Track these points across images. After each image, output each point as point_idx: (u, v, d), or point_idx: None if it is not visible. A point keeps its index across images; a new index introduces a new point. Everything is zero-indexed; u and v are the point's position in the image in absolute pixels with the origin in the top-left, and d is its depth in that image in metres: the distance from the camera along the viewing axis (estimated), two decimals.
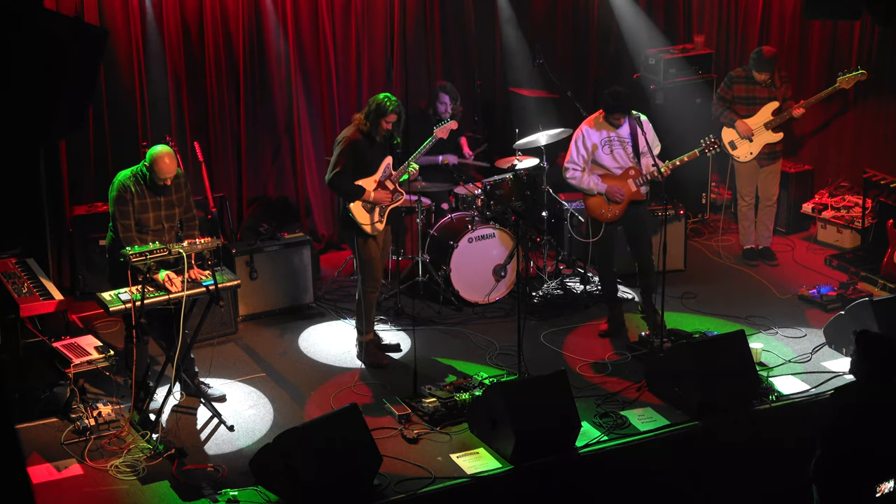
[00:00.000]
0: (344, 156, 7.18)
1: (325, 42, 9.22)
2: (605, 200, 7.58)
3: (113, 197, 6.65)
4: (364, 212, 7.27)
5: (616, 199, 7.53)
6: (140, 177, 6.67)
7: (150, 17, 8.51)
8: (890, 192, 8.90)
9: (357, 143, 7.21)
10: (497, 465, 6.19)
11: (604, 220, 7.62)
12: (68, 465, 6.22)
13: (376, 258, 7.36)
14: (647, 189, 7.62)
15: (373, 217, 7.29)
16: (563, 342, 7.79)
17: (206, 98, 8.90)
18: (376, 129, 7.18)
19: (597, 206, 7.62)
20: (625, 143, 7.53)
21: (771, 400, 6.87)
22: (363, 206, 7.26)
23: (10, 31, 3.59)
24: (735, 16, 10.40)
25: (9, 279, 7.05)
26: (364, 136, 7.22)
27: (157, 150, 6.66)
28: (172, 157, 6.68)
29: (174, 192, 6.76)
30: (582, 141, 7.55)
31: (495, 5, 9.90)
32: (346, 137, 7.23)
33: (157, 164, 6.59)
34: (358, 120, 7.26)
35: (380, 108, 7.14)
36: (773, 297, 8.48)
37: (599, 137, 7.53)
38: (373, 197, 7.26)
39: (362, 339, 7.46)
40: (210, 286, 6.44)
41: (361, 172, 7.26)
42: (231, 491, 5.91)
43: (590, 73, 10.43)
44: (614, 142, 7.53)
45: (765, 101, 8.81)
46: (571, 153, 7.60)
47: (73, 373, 6.65)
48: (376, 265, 7.37)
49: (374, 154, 7.30)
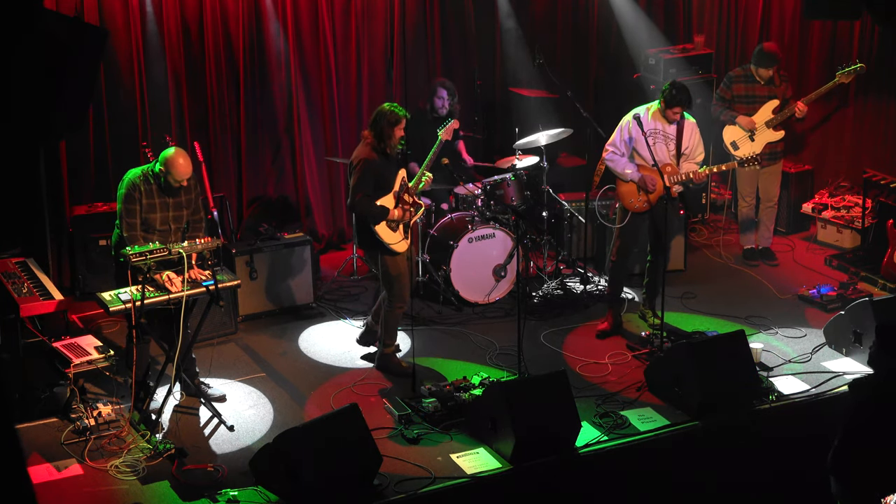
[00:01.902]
0: (364, 179, 7.02)
1: (325, 42, 9.22)
2: (636, 189, 7.58)
3: (121, 195, 6.62)
4: (389, 231, 7.14)
5: (649, 188, 7.52)
6: (151, 176, 6.63)
7: (150, 17, 8.52)
8: (890, 192, 8.90)
9: (373, 162, 7.05)
10: (497, 465, 6.19)
11: (632, 208, 7.62)
12: (68, 465, 6.21)
13: (404, 274, 7.26)
14: (679, 189, 7.61)
15: (398, 235, 7.19)
16: (563, 342, 7.79)
17: (206, 98, 8.90)
18: (391, 139, 7.04)
19: (628, 194, 7.62)
20: (669, 140, 7.53)
21: (771, 400, 6.86)
22: (388, 224, 7.15)
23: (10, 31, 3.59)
24: (735, 16, 10.40)
25: (9, 279, 7.05)
26: (378, 154, 7.08)
27: (172, 152, 6.58)
28: (187, 157, 6.63)
29: (184, 193, 6.73)
30: (628, 128, 7.55)
31: (495, 5, 9.90)
32: (362, 159, 7.05)
33: (173, 167, 6.53)
34: (368, 137, 7.11)
35: (392, 117, 7.00)
36: (773, 297, 8.48)
37: (648, 128, 7.51)
38: (396, 215, 7.16)
39: (385, 351, 7.40)
40: (210, 286, 6.44)
41: (380, 191, 7.13)
42: (231, 491, 5.91)
43: (590, 73, 10.43)
44: (659, 135, 7.53)
45: (765, 99, 8.81)
46: (615, 137, 7.61)
47: (73, 373, 6.65)
48: (404, 281, 7.26)
49: (389, 170, 7.18)
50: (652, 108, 7.56)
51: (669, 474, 6.50)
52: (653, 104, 7.60)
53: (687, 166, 7.56)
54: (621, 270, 7.86)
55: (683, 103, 7.42)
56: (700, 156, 7.64)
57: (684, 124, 7.53)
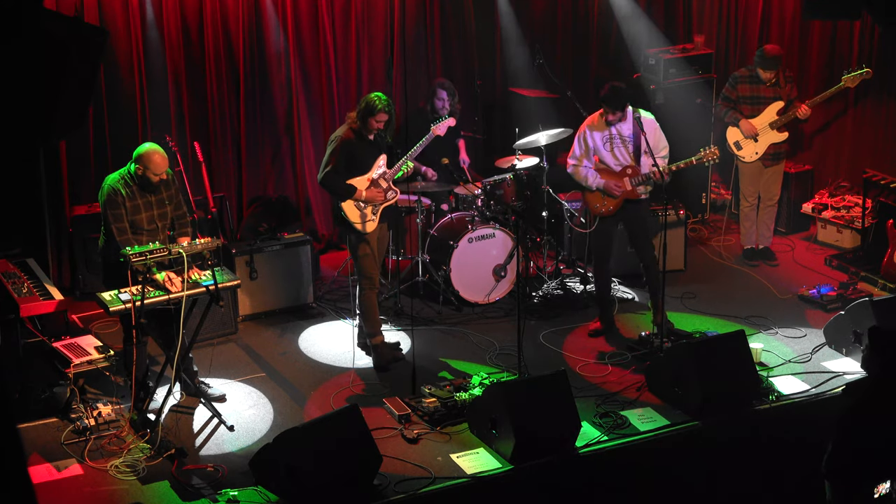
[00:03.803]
0: (335, 155, 7.20)
1: (325, 42, 9.22)
2: (601, 195, 7.63)
3: (104, 202, 6.60)
4: (356, 210, 7.28)
5: (613, 194, 7.56)
6: (129, 178, 6.62)
7: (150, 17, 8.52)
8: (890, 192, 8.90)
9: (349, 141, 7.22)
10: (497, 465, 6.19)
11: (598, 213, 7.70)
12: (68, 465, 6.22)
13: (369, 255, 7.36)
14: (645, 189, 7.64)
15: (365, 215, 7.30)
16: (563, 342, 7.79)
17: (206, 98, 8.90)
18: (366, 127, 7.20)
19: (593, 200, 7.71)
20: (626, 142, 7.57)
21: (771, 400, 6.86)
22: (355, 204, 7.28)
23: (10, 31, 3.59)
24: (735, 16, 10.39)
25: (9, 279, 7.05)
26: (356, 135, 7.24)
27: (146, 148, 6.61)
28: (163, 153, 6.64)
29: (164, 189, 6.73)
30: (583, 137, 7.64)
31: (495, 5, 9.90)
32: (339, 136, 7.26)
33: (150, 162, 6.55)
34: (351, 118, 7.28)
35: (369, 107, 7.14)
36: (773, 297, 8.48)
37: (601, 135, 7.58)
38: (365, 195, 7.26)
39: (372, 342, 7.45)
40: (210, 286, 6.43)
41: (354, 171, 7.27)
42: (231, 491, 5.91)
43: (590, 73, 10.42)
44: (616, 140, 7.58)
45: (770, 100, 8.80)
46: (574, 148, 7.71)
47: (73, 373, 6.65)
48: (369, 262, 7.37)
49: (367, 152, 7.31)
50: (598, 116, 7.60)
51: (669, 474, 6.50)
52: (597, 113, 7.64)
53: (646, 161, 7.55)
54: (601, 273, 7.90)
55: (616, 105, 7.44)
56: (664, 149, 7.64)
57: (643, 123, 7.52)
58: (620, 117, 7.51)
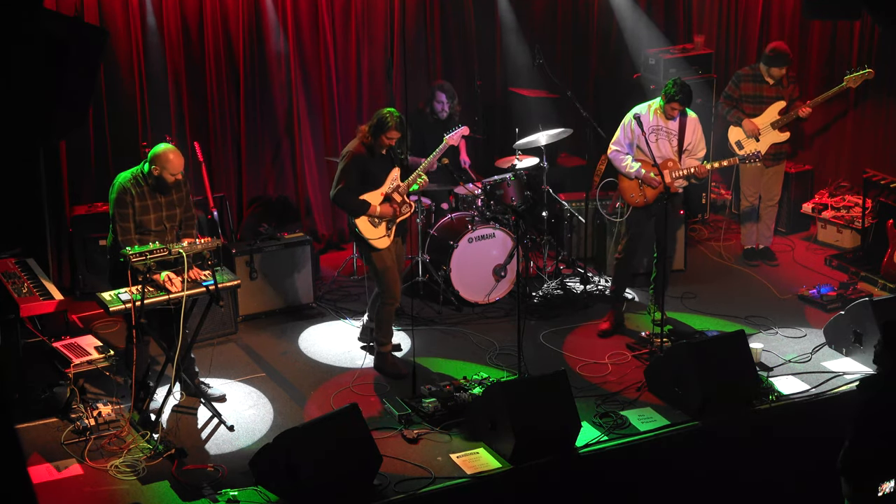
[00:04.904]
0: (347, 171, 7.08)
1: (325, 42, 9.22)
2: (638, 185, 7.60)
3: (113, 199, 6.62)
4: (370, 226, 7.19)
5: (652, 184, 7.55)
6: (141, 178, 6.63)
7: (150, 17, 8.52)
8: (890, 192, 8.90)
9: (360, 157, 7.11)
10: (497, 465, 6.19)
11: (633, 203, 7.67)
12: (68, 465, 6.21)
13: (389, 268, 7.27)
14: (683, 184, 7.64)
15: (379, 231, 7.21)
16: (563, 342, 7.79)
17: (206, 98, 8.90)
18: (378, 143, 7.08)
19: (629, 189, 7.67)
20: (671, 136, 7.58)
21: (771, 400, 6.86)
22: (369, 220, 7.18)
23: (10, 31, 3.59)
24: (735, 16, 10.40)
25: (9, 279, 7.05)
26: (368, 150, 7.12)
27: (162, 148, 6.61)
28: (178, 153, 6.64)
29: (175, 191, 6.73)
30: (631, 125, 7.60)
31: (495, 5, 9.90)
32: (350, 152, 7.12)
33: (167, 162, 6.54)
34: (362, 132, 7.15)
35: (381, 124, 7.02)
36: (773, 297, 8.48)
37: (650, 125, 7.56)
38: (378, 211, 7.17)
39: (381, 350, 7.41)
40: (210, 286, 6.43)
41: (367, 186, 7.17)
42: (231, 491, 5.91)
43: (590, 73, 10.43)
44: (661, 132, 7.57)
45: (772, 100, 8.79)
46: (619, 135, 7.68)
47: (73, 373, 6.65)
48: (389, 276, 7.28)
49: (379, 167, 7.20)
50: (654, 106, 7.60)
51: (669, 474, 6.50)
52: (654, 101, 7.64)
53: (689, 162, 7.60)
54: (626, 268, 7.87)
55: (681, 100, 7.45)
56: (702, 151, 7.68)
57: (687, 121, 7.56)
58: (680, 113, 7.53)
